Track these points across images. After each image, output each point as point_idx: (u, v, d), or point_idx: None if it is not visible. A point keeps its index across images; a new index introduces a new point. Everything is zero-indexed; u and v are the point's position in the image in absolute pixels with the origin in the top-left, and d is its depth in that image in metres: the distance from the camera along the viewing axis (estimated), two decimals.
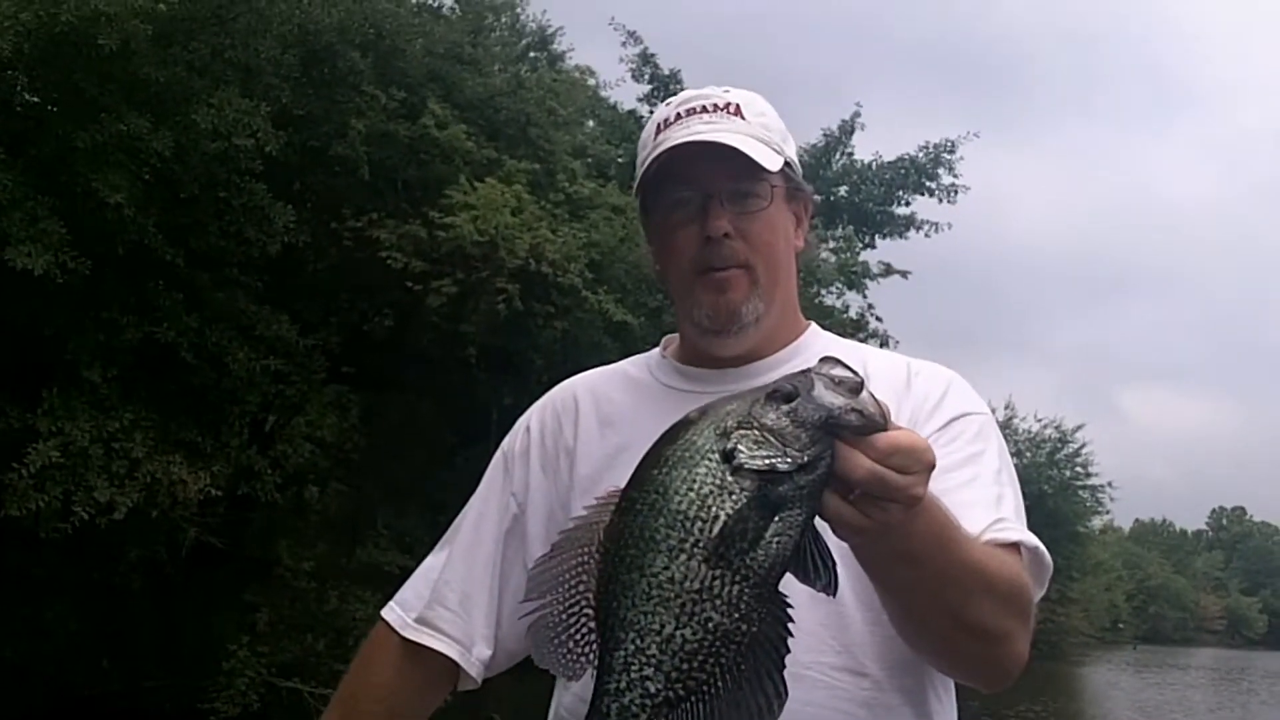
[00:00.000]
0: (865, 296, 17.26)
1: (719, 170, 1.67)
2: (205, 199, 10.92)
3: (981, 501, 1.55)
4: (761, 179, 1.68)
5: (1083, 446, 41.52)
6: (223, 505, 12.08)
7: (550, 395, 1.91)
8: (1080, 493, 41.84)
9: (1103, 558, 57.97)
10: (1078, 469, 41.61)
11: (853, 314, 16.98)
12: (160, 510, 10.43)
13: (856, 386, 1.20)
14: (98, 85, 9.79)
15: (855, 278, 16.50)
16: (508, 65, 14.85)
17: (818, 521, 1.22)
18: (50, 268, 9.05)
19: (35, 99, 10.71)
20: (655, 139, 1.72)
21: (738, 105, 1.72)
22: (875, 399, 1.21)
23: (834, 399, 1.18)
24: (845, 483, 1.19)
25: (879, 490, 1.20)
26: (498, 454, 1.90)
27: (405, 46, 12.34)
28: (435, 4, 14.30)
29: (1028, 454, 42.40)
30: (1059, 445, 41.79)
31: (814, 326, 1.85)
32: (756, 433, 1.18)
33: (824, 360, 1.24)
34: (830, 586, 1.21)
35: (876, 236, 19.35)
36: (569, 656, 1.24)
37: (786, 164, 1.72)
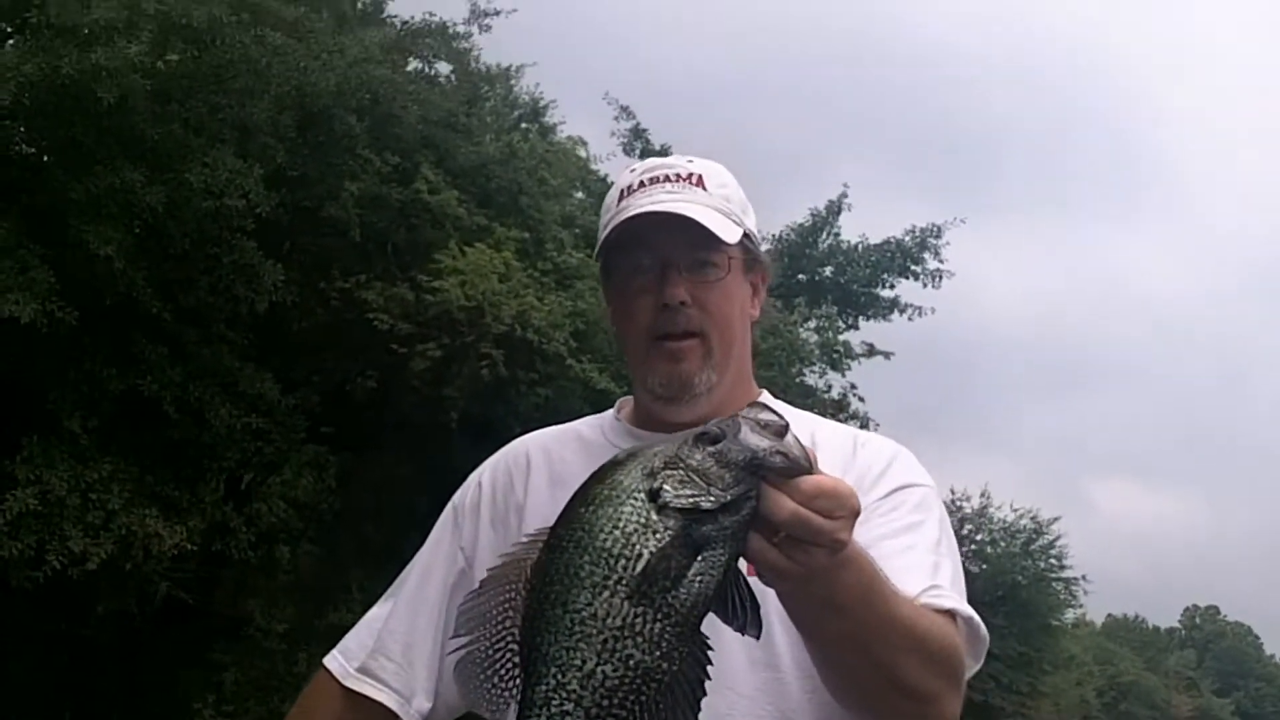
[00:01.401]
0: (845, 376, 17.34)
1: (678, 239, 1.69)
2: (195, 255, 11.00)
3: (917, 568, 1.55)
4: (720, 249, 1.70)
5: (1058, 538, 41.35)
6: (194, 561, 12.01)
7: (503, 452, 1.94)
8: (1055, 585, 41.64)
9: (1075, 652, 57.39)
10: (1052, 560, 41.41)
11: (834, 394, 17.04)
12: (133, 563, 10.38)
13: (781, 430, 1.21)
14: (94, 138, 9.89)
15: (838, 358, 16.57)
16: (500, 135, 15.02)
17: (746, 572, 1.23)
18: (38, 316, 9.09)
19: (32, 150, 10.81)
20: (618, 205, 1.76)
21: (700, 176, 1.75)
22: (800, 443, 1.22)
23: (759, 441, 1.19)
24: (770, 524, 1.19)
25: (803, 533, 1.20)
26: (447, 508, 1.92)
27: (400, 113, 12.49)
28: (431, 72, 14.48)
29: (1002, 544, 42.22)
30: (1034, 536, 41.65)
31: (766, 394, 1.85)
32: (682, 473, 1.19)
33: (751, 405, 1.26)
34: (749, 627, 1.22)
35: (860, 317, 19.44)
36: (493, 693, 1.24)
37: (746, 235, 1.74)
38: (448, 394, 11.98)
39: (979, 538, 43.39)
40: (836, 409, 16.17)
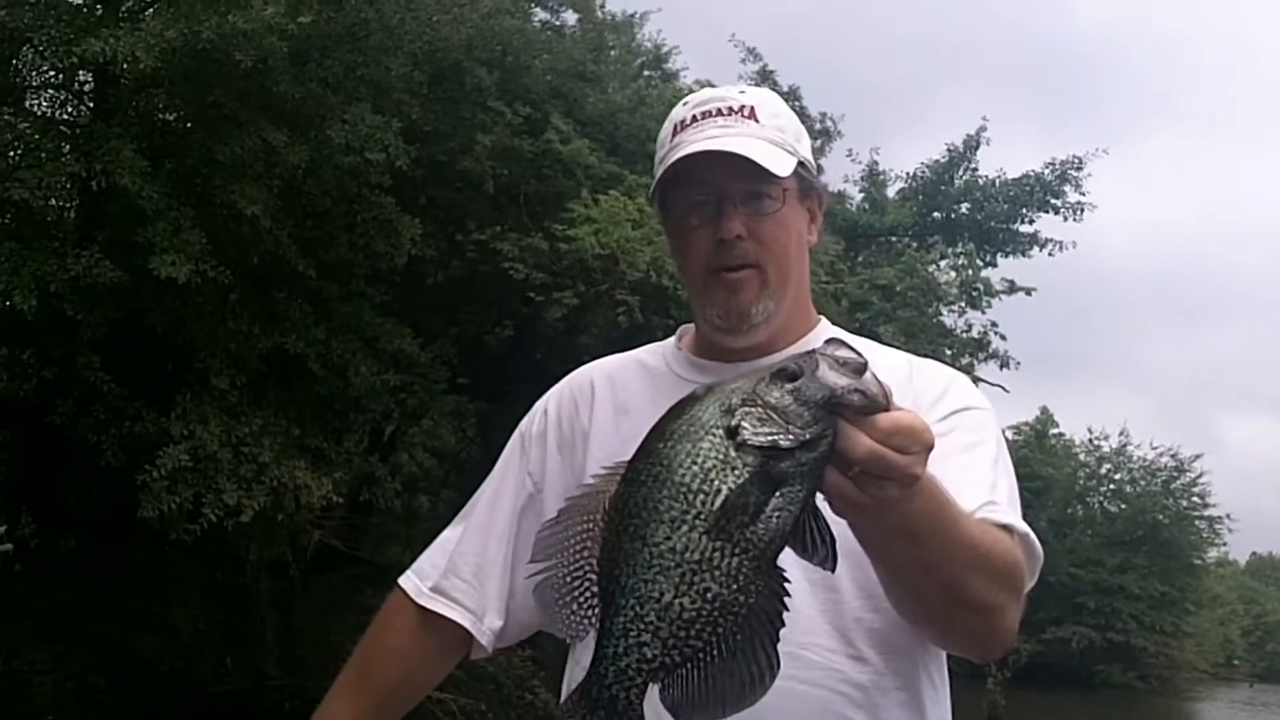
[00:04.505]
0: (984, 312, 17.00)
1: (733, 174, 1.70)
2: (335, 212, 11.21)
3: (975, 484, 1.58)
4: (773, 182, 1.71)
5: (1200, 476, 40.35)
6: (340, 510, 12.30)
7: (567, 380, 1.96)
8: (1197, 524, 40.70)
9: (1218, 591, 56.26)
10: (1194, 499, 40.47)
11: (974, 333, 16.70)
12: (285, 514, 10.66)
13: (860, 367, 1.22)
14: (236, 100, 10.07)
15: (977, 295, 16.26)
16: (625, 83, 15.01)
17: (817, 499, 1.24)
18: (191, 277, 9.31)
19: (173, 116, 11.06)
20: (672, 140, 1.77)
21: (752, 108, 1.75)
22: (878, 380, 1.23)
23: (837, 379, 1.20)
24: (845, 460, 1.21)
25: (879, 469, 1.22)
26: (515, 435, 1.96)
27: (530, 64, 12.55)
28: (558, 22, 14.51)
29: (1142, 482, 41.45)
30: (1175, 474, 40.72)
31: (825, 321, 1.87)
32: (760, 410, 1.20)
33: (829, 341, 1.27)
34: (827, 561, 1.23)
35: (999, 254, 18.95)
36: (572, 619, 1.27)
37: (800, 163, 1.75)
38: (583, 341, 12.05)
39: (1117, 476, 42.73)
40: (976, 348, 15.89)
